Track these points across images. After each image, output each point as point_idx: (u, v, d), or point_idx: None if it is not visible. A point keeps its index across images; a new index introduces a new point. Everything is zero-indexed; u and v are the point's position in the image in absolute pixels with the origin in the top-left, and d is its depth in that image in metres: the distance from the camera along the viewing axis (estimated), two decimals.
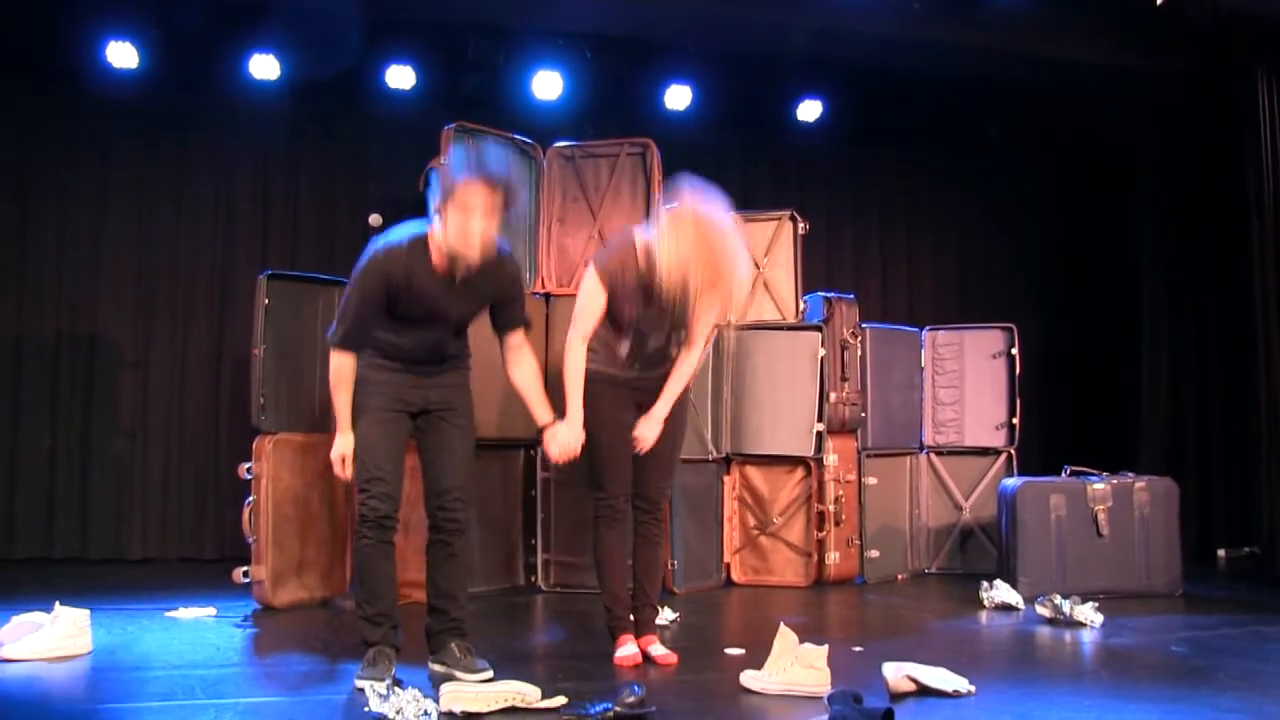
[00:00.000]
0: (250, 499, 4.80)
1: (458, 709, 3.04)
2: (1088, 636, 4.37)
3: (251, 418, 4.92)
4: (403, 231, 3.43)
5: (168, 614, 4.59)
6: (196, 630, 4.33)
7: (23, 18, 5.68)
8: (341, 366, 3.46)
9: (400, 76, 6.26)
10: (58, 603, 3.84)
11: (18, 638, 3.74)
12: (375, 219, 5.18)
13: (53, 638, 3.74)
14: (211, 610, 4.66)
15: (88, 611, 3.88)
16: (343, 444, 3.48)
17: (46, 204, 6.38)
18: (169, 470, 6.46)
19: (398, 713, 2.92)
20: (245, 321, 5.55)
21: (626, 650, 3.77)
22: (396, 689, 3.01)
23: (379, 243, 3.43)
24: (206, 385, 6.55)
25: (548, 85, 6.44)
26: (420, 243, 3.39)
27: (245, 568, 4.77)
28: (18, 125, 6.35)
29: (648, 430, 3.80)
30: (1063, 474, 5.44)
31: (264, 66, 6.14)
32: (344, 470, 3.49)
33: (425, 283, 3.38)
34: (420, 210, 4.98)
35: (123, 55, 5.97)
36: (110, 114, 6.44)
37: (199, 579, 5.62)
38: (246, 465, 4.82)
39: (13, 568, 5.90)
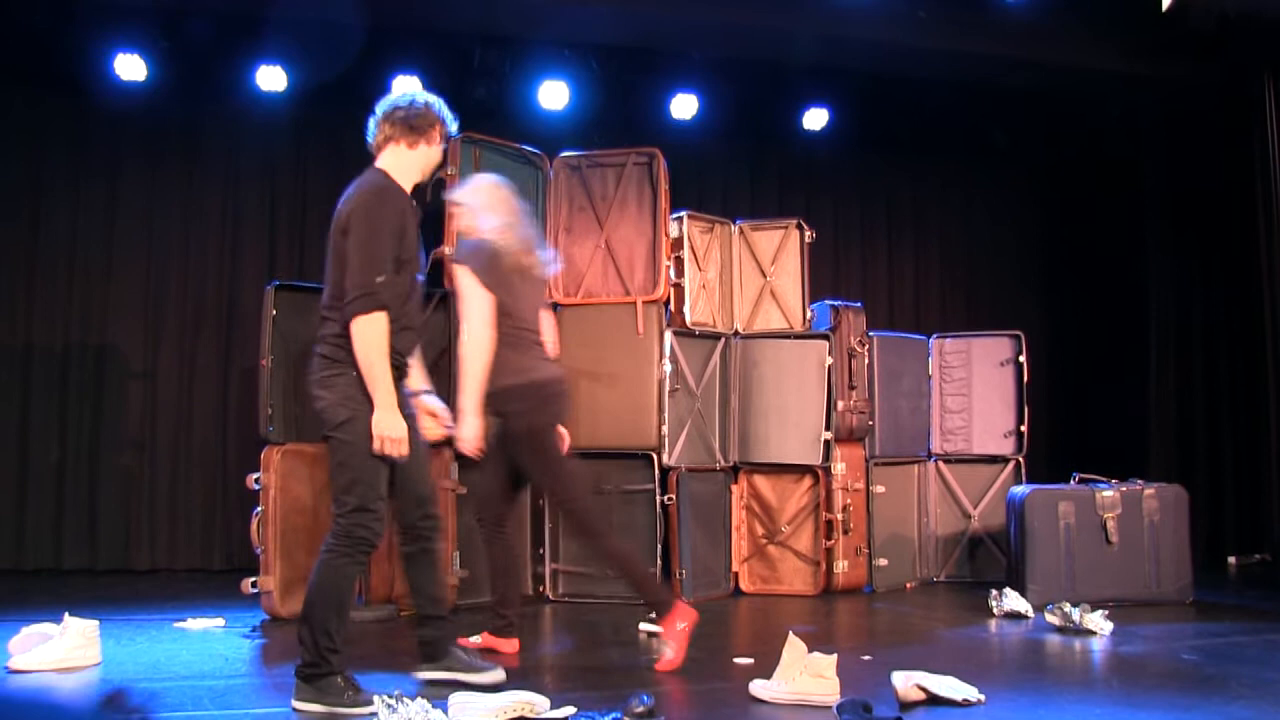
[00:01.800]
0: (258, 510, 4.80)
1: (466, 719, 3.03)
2: (1097, 644, 4.34)
3: (259, 428, 4.93)
4: None
5: (176, 624, 4.60)
6: (205, 641, 4.33)
7: (32, 30, 5.73)
8: (379, 331, 3.10)
9: (407, 87, 6.26)
10: (67, 614, 3.84)
11: (27, 649, 3.75)
12: None
13: (62, 648, 3.75)
14: (220, 621, 4.67)
15: (96, 622, 3.88)
16: (395, 422, 3.11)
17: (56, 215, 6.41)
18: (177, 481, 6.47)
19: None
20: (253, 332, 5.55)
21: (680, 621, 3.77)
22: (405, 700, 3.00)
23: (368, 186, 3.38)
24: (214, 396, 6.56)
25: (554, 95, 6.46)
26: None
27: (254, 578, 4.78)
28: (27, 137, 6.38)
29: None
30: (1071, 481, 5.41)
31: (271, 78, 6.18)
32: (400, 450, 3.13)
33: (412, 215, 3.40)
34: (429, 218, 4.96)
35: (131, 67, 6.01)
36: (119, 126, 6.48)
37: (207, 589, 5.63)
38: (255, 476, 4.83)
39: (22, 578, 5.93)
